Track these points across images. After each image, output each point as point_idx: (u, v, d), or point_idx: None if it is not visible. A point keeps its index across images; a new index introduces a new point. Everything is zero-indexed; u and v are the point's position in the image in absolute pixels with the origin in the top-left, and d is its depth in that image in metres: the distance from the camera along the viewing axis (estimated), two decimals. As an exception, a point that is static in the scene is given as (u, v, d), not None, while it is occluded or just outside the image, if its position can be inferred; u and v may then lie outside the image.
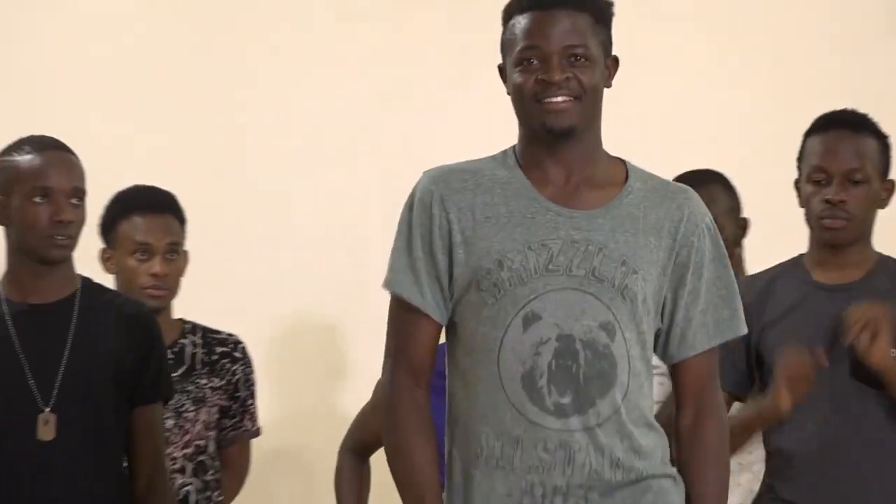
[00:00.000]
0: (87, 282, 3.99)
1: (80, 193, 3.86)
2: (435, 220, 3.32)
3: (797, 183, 4.11)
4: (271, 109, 6.18)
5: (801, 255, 4.20)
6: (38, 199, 3.82)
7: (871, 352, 3.84)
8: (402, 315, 3.33)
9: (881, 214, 4.33)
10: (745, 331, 3.43)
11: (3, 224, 3.90)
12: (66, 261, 3.86)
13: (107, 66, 6.44)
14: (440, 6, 6.50)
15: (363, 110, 6.15)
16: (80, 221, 3.88)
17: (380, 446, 4.47)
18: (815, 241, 4.15)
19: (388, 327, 3.37)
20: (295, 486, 5.77)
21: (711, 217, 3.43)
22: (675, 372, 3.38)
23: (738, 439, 3.88)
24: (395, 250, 3.35)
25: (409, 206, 3.34)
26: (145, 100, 6.39)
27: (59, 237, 3.78)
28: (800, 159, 4.10)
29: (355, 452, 4.66)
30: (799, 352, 3.88)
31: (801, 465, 4.05)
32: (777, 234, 4.89)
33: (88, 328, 3.91)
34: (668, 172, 3.78)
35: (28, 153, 3.88)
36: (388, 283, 3.31)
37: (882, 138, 4.12)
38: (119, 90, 6.36)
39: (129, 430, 3.96)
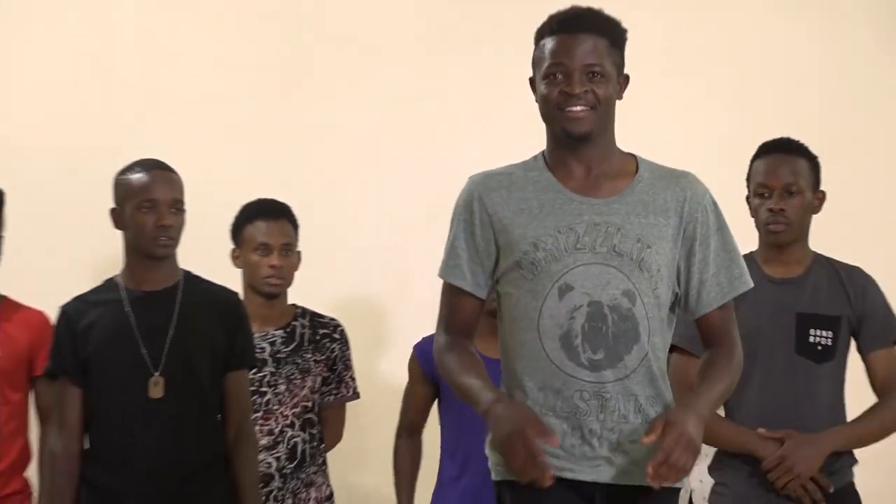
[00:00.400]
0: (188, 274, 4.71)
1: (178, 204, 4.59)
2: (476, 216, 3.83)
3: (748, 198, 4.79)
4: (330, 132, 6.82)
5: (752, 252, 4.80)
6: (145, 209, 4.53)
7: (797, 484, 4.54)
8: (450, 294, 3.89)
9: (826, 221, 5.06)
10: (751, 285, 3.94)
11: (119, 229, 4.62)
12: (170, 257, 4.59)
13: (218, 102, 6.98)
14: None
15: (404, 134, 6.77)
16: (180, 226, 4.61)
17: (425, 421, 5.52)
18: (762, 242, 4.84)
19: (440, 304, 3.93)
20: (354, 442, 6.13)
21: (711, 194, 3.91)
22: (698, 325, 3.87)
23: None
24: (446, 245, 3.89)
25: (457, 206, 3.89)
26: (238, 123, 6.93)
27: (163, 238, 4.50)
28: (748, 179, 4.79)
29: (407, 432, 5.47)
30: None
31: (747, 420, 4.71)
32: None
33: (189, 310, 4.62)
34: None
35: (137, 172, 4.60)
36: (440, 272, 3.88)
37: (812, 158, 4.78)
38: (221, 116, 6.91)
39: (223, 391, 4.66)
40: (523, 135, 4.40)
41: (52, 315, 5.14)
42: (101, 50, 7.21)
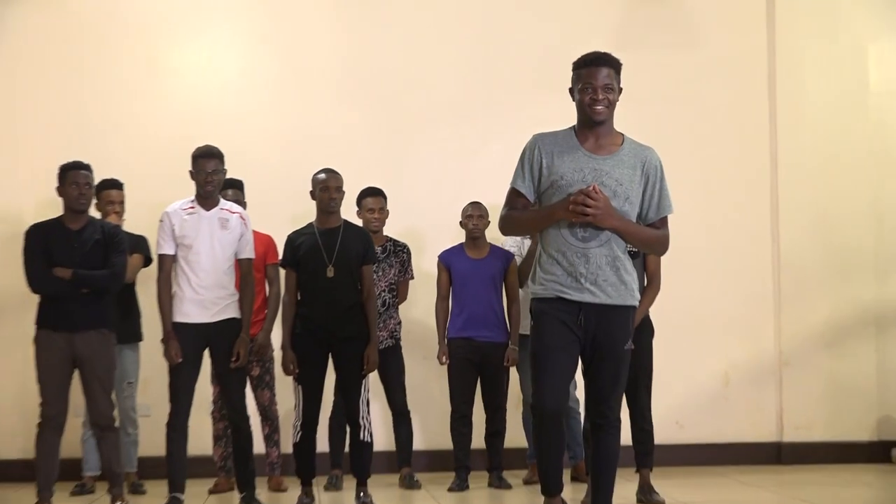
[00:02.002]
0: (346, 221, 7.70)
1: (341, 188, 7.68)
2: (534, 155, 5.68)
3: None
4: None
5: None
6: (322, 191, 7.65)
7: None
8: (514, 194, 5.76)
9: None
10: (672, 211, 5.72)
11: (314, 199, 7.66)
12: (336, 212, 7.64)
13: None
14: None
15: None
16: (341, 198, 7.66)
17: (449, 292, 8.82)
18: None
19: (508, 198, 5.80)
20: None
21: (660, 160, 5.70)
22: (650, 226, 5.65)
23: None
24: (516, 168, 5.75)
25: (524, 150, 5.74)
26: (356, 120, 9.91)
27: (332, 204, 7.65)
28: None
29: (441, 298, 8.83)
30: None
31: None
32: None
33: (345, 237, 7.62)
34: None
35: (321, 174, 7.71)
36: (512, 182, 5.72)
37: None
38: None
39: (360, 274, 7.66)
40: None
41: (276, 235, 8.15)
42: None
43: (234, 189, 8.53)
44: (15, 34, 9.80)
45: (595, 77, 5.61)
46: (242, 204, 8.39)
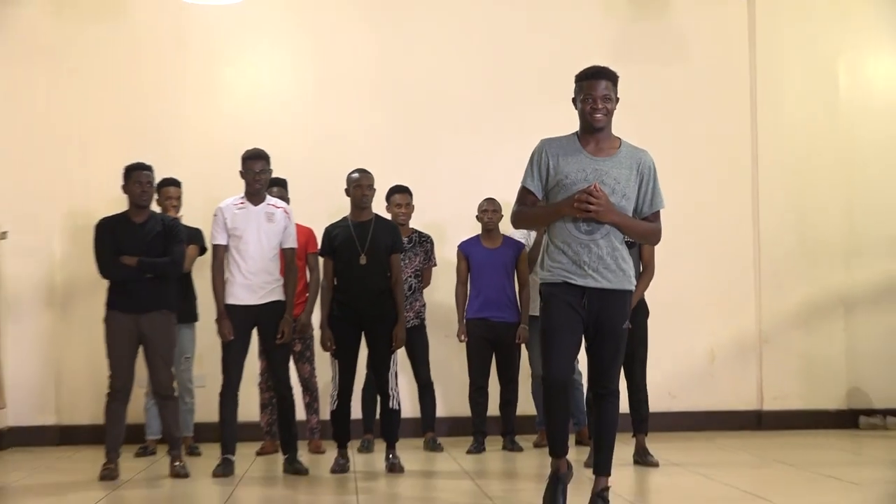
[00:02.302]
0: (376, 215, 7.71)
1: (372, 186, 7.70)
2: (543, 159, 5.76)
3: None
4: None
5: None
6: (355, 188, 7.69)
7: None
8: (524, 192, 5.82)
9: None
10: (664, 206, 5.79)
11: (348, 196, 7.70)
12: (368, 207, 7.65)
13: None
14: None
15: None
16: (372, 195, 7.70)
17: (468, 278, 8.84)
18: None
19: (518, 196, 5.84)
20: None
21: (653, 161, 5.77)
22: (644, 220, 5.70)
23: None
24: (526, 169, 5.83)
25: (532, 153, 5.81)
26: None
27: (364, 199, 7.67)
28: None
29: (461, 283, 8.85)
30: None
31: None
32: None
33: (377, 229, 7.66)
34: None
35: (355, 173, 7.76)
36: (522, 181, 5.79)
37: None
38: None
39: (389, 262, 7.67)
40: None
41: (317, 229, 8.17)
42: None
43: (279, 187, 8.59)
44: (88, 52, 9.85)
45: (595, 89, 5.68)
46: (286, 200, 8.45)
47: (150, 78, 9.91)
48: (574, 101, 5.80)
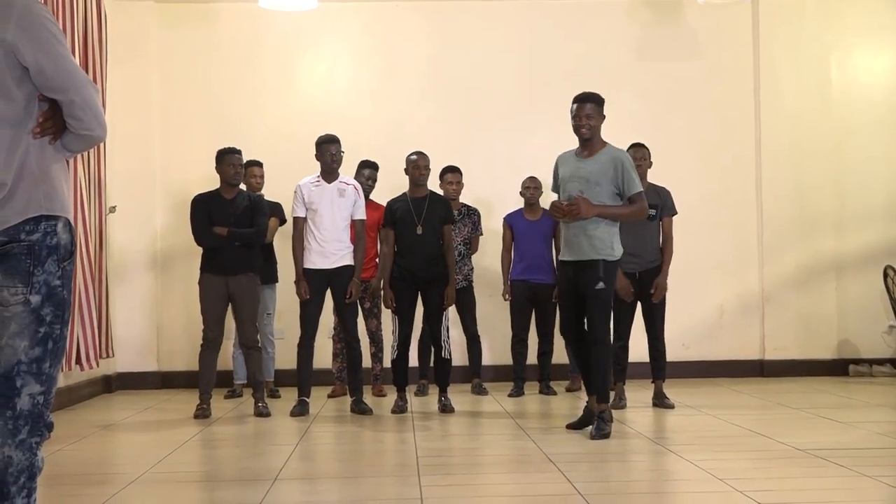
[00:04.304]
0: (431, 191, 7.76)
1: (427, 166, 7.74)
2: (556, 168, 6.69)
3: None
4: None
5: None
6: (413, 168, 7.73)
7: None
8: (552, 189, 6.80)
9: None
10: (640, 189, 6.44)
11: (407, 175, 7.74)
12: (424, 185, 7.69)
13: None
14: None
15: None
16: (427, 174, 7.71)
17: (512, 246, 8.65)
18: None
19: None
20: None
21: (629, 158, 6.52)
22: (627, 201, 6.36)
23: None
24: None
25: (556, 164, 6.73)
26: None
27: (421, 178, 7.71)
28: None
29: (506, 249, 8.81)
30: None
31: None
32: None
33: (431, 203, 7.73)
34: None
35: (413, 155, 7.77)
36: (551, 188, 6.82)
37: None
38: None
39: (441, 231, 7.71)
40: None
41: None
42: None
43: (370, 169, 8.66)
44: (185, 54, 9.94)
45: (582, 109, 6.47)
46: (374, 181, 8.58)
47: (234, 76, 9.98)
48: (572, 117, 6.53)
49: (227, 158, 7.73)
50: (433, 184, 8.43)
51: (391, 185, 8.71)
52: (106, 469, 6.04)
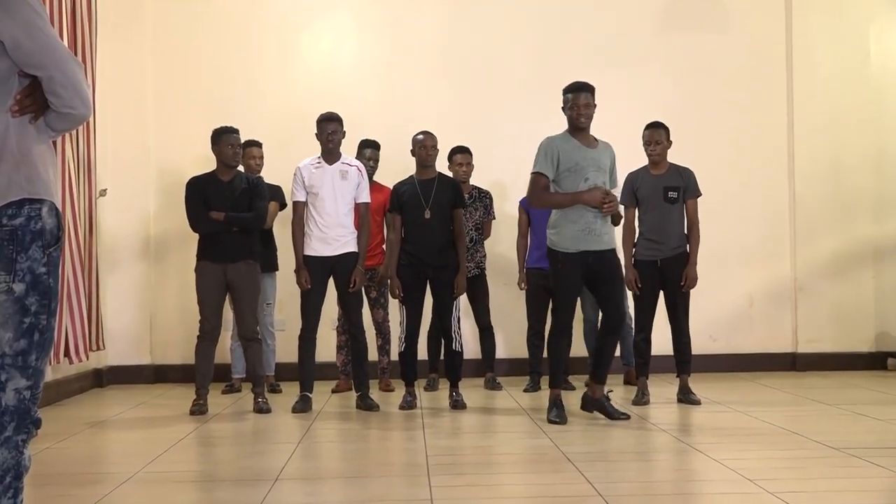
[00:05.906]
0: (440, 173, 7.72)
1: (436, 146, 7.69)
2: (553, 151, 6.80)
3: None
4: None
5: (645, 166, 7.72)
6: (420, 148, 7.67)
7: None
8: (539, 177, 6.80)
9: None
10: (618, 185, 7.05)
11: (414, 156, 7.71)
12: (432, 166, 7.65)
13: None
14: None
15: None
16: (436, 154, 7.69)
17: (528, 230, 8.59)
18: (650, 160, 7.79)
19: (532, 183, 6.82)
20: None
21: (614, 152, 6.94)
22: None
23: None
24: (538, 160, 6.82)
25: (542, 148, 6.84)
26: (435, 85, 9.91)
27: (429, 159, 7.67)
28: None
29: (522, 235, 8.80)
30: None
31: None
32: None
33: (440, 186, 7.68)
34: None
35: (420, 135, 7.72)
36: (539, 169, 6.77)
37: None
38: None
39: (451, 216, 7.64)
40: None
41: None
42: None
43: (371, 148, 8.65)
44: (181, 29, 9.93)
45: (579, 99, 6.80)
46: (377, 161, 8.57)
47: (232, 51, 9.98)
48: (563, 109, 6.80)
49: (224, 138, 7.72)
50: (442, 165, 8.41)
51: (397, 168, 8.72)
52: (97, 468, 6.03)
